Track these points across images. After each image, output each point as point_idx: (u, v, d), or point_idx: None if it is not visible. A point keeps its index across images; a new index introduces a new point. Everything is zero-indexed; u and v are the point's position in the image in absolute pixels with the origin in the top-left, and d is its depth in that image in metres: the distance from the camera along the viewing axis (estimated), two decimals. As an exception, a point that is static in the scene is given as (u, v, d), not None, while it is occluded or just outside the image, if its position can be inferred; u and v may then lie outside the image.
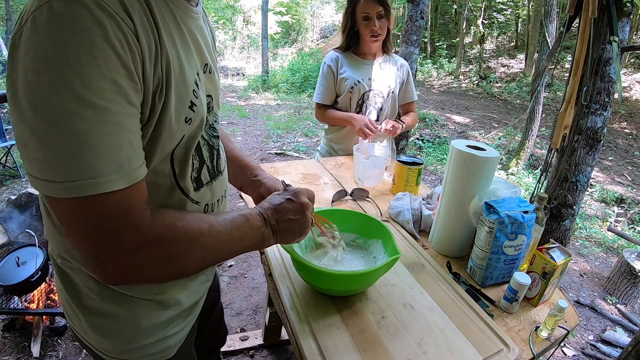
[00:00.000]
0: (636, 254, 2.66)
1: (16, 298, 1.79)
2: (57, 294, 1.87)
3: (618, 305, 2.56)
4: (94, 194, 0.45)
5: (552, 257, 0.88)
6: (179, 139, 0.58)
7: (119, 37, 0.45)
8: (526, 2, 10.45)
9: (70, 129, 0.43)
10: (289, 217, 0.68)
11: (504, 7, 11.03)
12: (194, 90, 0.58)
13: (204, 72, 0.64)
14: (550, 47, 4.21)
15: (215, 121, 0.72)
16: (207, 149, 0.68)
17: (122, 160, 0.47)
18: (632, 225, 3.86)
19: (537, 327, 0.85)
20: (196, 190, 0.66)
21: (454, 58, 11.32)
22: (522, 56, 10.43)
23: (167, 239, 0.52)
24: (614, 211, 4.13)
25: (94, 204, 0.46)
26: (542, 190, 1.90)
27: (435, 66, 11.36)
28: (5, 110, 5.73)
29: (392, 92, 1.74)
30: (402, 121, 1.73)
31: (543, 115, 5.46)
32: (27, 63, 0.42)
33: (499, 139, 6.11)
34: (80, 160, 0.44)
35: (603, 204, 4.30)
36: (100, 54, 0.43)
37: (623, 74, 8.04)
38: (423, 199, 1.28)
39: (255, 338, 1.84)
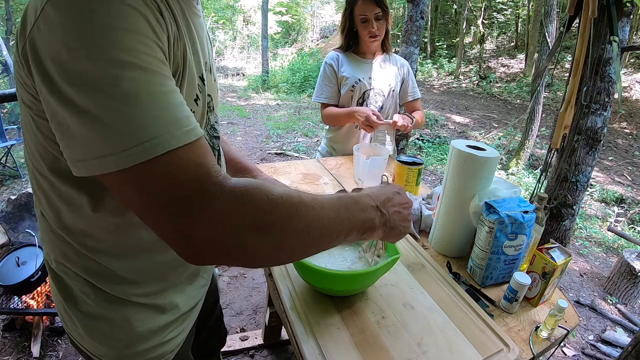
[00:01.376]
0: (636, 254, 2.66)
1: (16, 298, 1.79)
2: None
3: (618, 305, 2.56)
4: (157, 155, 0.39)
5: (552, 257, 0.88)
6: None
7: (149, 13, 0.43)
8: (526, 2, 10.45)
9: (116, 94, 0.39)
10: (399, 210, 0.63)
11: (504, 7, 11.03)
12: (198, 84, 0.58)
13: (205, 70, 0.64)
14: (550, 47, 4.21)
15: (216, 122, 0.71)
16: None
17: (179, 115, 0.42)
18: (632, 225, 3.86)
19: (537, 327, 0.85)
20: None
21: (454, 58, 11.32)
22: (522, 56, 10.43)
23: (258, 201, 0.43)
24: (614, 211, 4.13)
25: (159, 168, 0.39)
26: (542, 190, 1.90)
27: (435, 66, 11.36)
28: (5, 111, 5.73)
29: (393, 90, 1.74)
30: (411, 117, 1.72)
31: (543, 115, 5.47)
32: (56, 46, 0.39)
33: (499, 139, 6.11)
34: (133, 123, 0.39)
35: (603, 204, 4.30)
36: (133, 20, 0.41)
37: (623, 74, 8.04)
38: (423, 199, 1.28)
39: (255, 338, 1.84)
